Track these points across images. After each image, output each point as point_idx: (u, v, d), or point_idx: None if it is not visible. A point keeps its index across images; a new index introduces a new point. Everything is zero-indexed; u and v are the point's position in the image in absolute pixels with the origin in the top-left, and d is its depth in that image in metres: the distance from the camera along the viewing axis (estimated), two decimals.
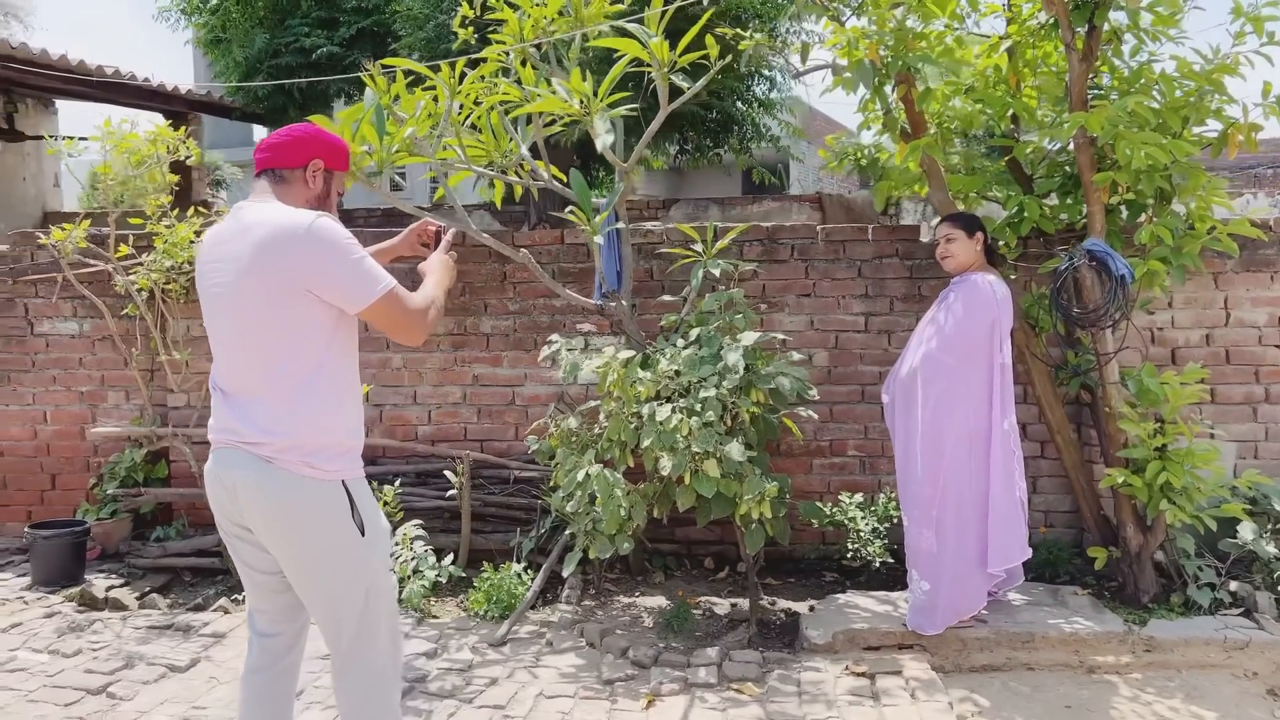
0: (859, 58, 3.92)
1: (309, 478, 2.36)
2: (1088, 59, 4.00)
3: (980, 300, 3.82)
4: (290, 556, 2.41)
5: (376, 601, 2.48)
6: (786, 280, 5.21)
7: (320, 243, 2.31)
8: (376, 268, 2.40)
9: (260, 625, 2.59)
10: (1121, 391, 4.25)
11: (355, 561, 2.43)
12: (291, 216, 2.34)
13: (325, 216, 2.36)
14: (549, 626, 4.30)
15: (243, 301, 2.36)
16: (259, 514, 2.38)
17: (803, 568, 5.10)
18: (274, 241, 2.31)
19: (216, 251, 2.44)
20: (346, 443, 2.45)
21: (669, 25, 4.03)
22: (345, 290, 2.36)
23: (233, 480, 2.39)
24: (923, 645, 3.94)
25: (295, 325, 2.35)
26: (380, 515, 2.53)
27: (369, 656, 2.49)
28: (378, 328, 2.47)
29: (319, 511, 2.38)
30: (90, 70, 7.23)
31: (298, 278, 2.31)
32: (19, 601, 4.67)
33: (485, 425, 5.37)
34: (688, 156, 9.03)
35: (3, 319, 5.60)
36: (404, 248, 3.09)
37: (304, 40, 8.67)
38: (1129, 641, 3.92)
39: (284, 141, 2.49)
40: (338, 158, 2.57)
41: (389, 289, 2.38)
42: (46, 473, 5.64)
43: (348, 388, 2.49)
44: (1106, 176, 3.95)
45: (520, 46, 4.30)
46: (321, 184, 2.54)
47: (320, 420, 2.38)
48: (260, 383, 2.38)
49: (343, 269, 2.34)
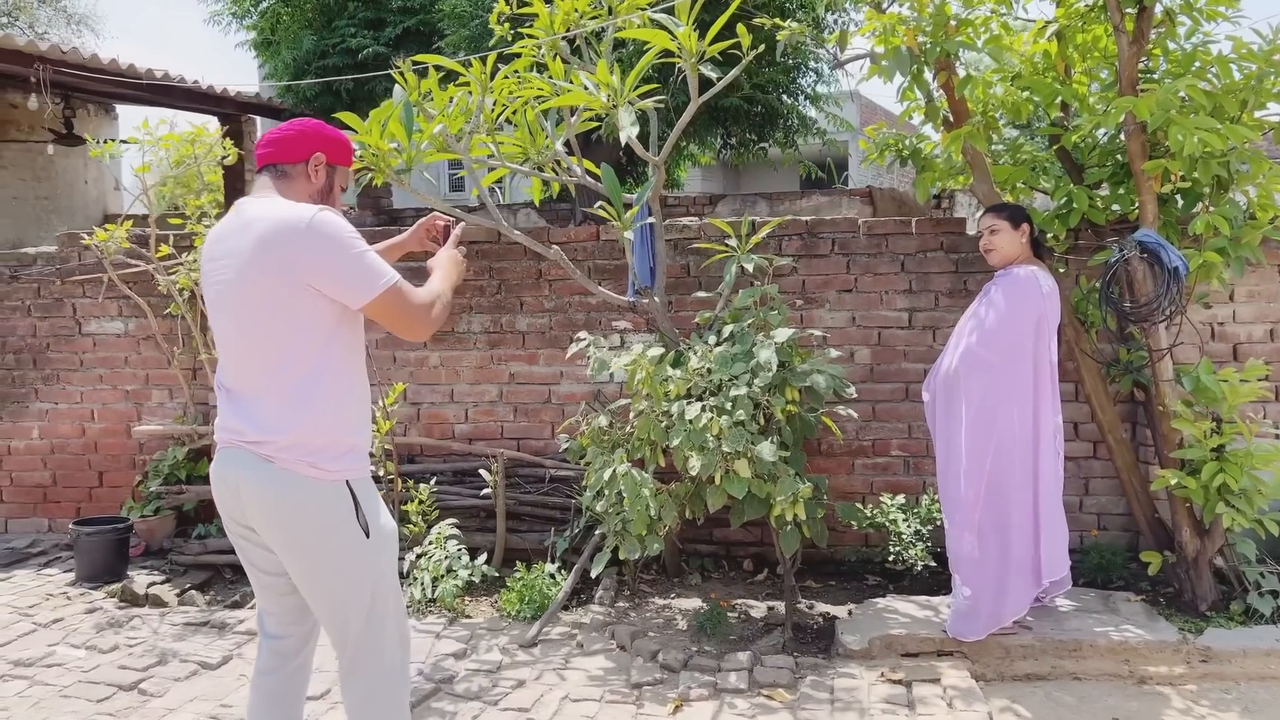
0: (895, 44, 3.79)
1: (311, 478, 2.32)
2: (1138, 42, 3.82)
3: (1023, 293, 3.67)
4: (293, 558, 2.38)
5: (382, 603, 2.44)
6: (827, 275, 5.08)
7: (321, 237, 2.27)
8: (379, 262, 2.35)
9: (269, 627, 2.57)
10: (1177, 389, 4.06)
11: (359, 563, 2.38)
12: (292, 211, 2.30)
13: (327, 210, 2.32)
14: (580, 628, 4.24)
15: (244, 298, 2.33)
16: (261, 514, 2.35)
17: (844, 570, 4.98)
18: (275, 236, 2.27)
19: (218, 249, 2.41)
20: (349, 441, 2.40)
21: (707, 16, 3.93)
22: (347, 285, 2.31)
23: (236, 480, 2.37)
24: (963, 652, 3.80)
25: (296, 321, 2.31)
26: (386, 515, 2.48)
27: (376, 659, 2.44)
28: (381, 324, 2.42)
29: (321, 512, 2.34)
30: (140, 74, 7.35)
31: (299, 273, 2.27)
32: (62, 597, 4.74)
33: (521, 423, 5.33)
34: (733, 151, 8.91)
35: (53, 319, 5.71)
36: (413, 243, 3.04)
37: (350, 41, 8.74)
38: (1183, 651, 3.74)
39: (285, 136, 2.46)
40: (340, 152, 2.53)
41: (392, 283, 2.33)
42: (94, 470, 5.73)
43: (352, 385, 2.44)
44: (1158, 164, 3.77)
45: (551, 39, 4.24)
46: (324, 178, 2.50)
47: (323, 418, 2.34)
48: (262, 380, 2.35)
49: (345, 263, 2.30)
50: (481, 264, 5.30)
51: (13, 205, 10.33)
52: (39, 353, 5.73)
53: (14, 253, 5.77)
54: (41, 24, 24.50)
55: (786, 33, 4.39)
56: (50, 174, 10.54)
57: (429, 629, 4.26)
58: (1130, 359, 4.37)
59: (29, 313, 5.73)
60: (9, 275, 5.72)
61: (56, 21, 24.96)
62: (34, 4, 24.25)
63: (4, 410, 5.76)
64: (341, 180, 2.56)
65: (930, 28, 3.84)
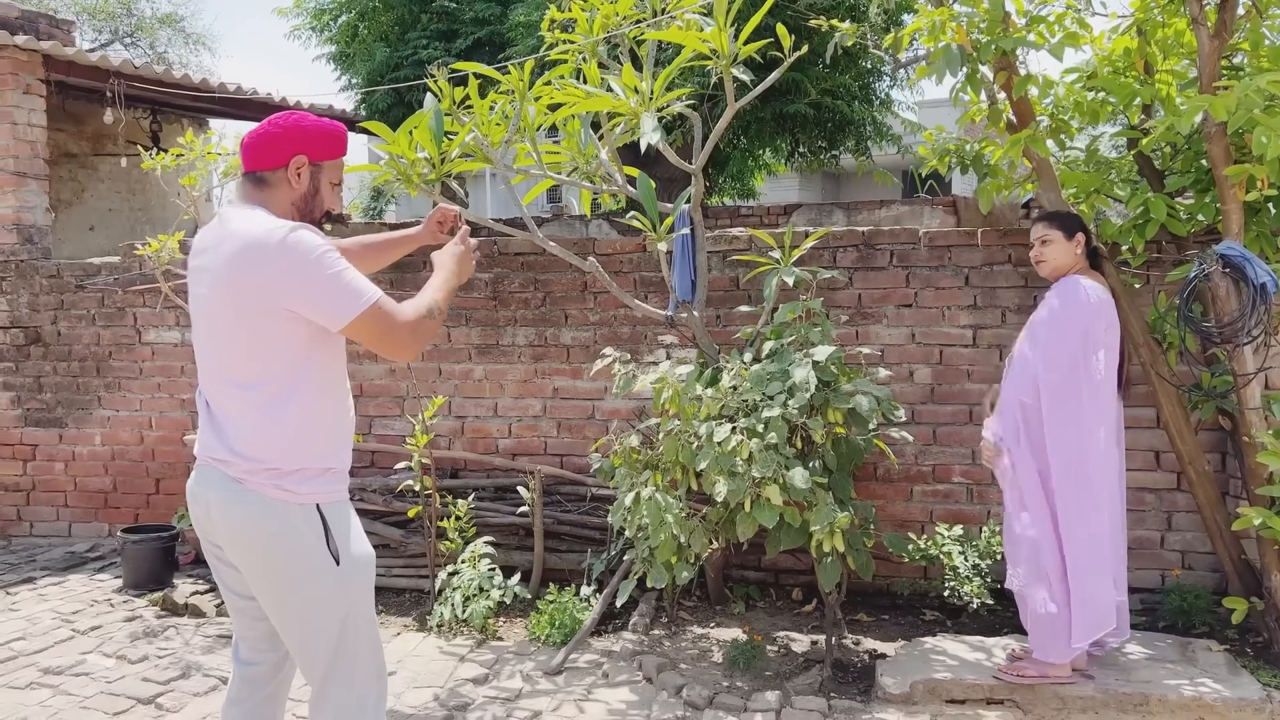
0: (945, 42, 3.52)
1: (279, 500, 2.20)
2: (1220, 36, 3.47)
3: (1071, 304, 3.36)
4: (260, 583, 2.27)
5: (353, 634, 2.30)
6: (885, 289, 4.80)
7: (294, 257, 2.11)
8: (357, 280, 2.17)
9: (241, 653, 2.46)
10: (1267, 419, 3.67)
11: (328, 591, 2.25)
12: (264, 228, 2.15)
13: (301, 229, 2.15)
14: (610, 656, 4.06)
15: (215, 315, 2.23)
16: (228, 536, 2.25)
17: (900, 604, 4.67)
18: (244, 255, 2.14)
19: (199, 260, 2.31)
20: (322, 464, 2.27)
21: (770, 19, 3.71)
22: (324, 307, 2.16)
23: (206, 499, 2.27)
24: (1014, 701, 3.49)
25: (267, 343, 2.19)
26: (361, 542, 2.34)
27: (345, 692, 2.31)
28: (364, 344, 2.26)
29: (288, 537, 2.22)
30: (213, 88, 7.51)
31: (271, 294, 2.14)
32: (106, 604, 4.78)
33: (565, 439, 5.19)
34: (804, 160, 8.63)
35: (115, 327, 5.82)
36: (426, 236, 2.86)
37: (422, 53, 8.79)
38: (1266, 711, 3.34)
39: (259, 140, 2.27)
40: (325, 147, 2.31)
41: (371, 303, 2.16)
42: (152, 477, 5.81)
43: (328, 408, 2.31)
44: (1242, 169, 3.41)
45: (589, 43, 4.09)
46: (308, 181, 2.31)
47: (291, 442, 2.22)
48: (232, 400, 2.24)
49: (319, 284, 2.13)
50: (526, 276, 5.18)
51: (108, 217, 10.71)
52: (102, 360, 5.84)
53: (79, 262, 5.90)
54: (161, 44, 25.65)
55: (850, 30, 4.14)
56: (145, 186, 10.90)
57: (455, 651, 4.13)
58: (1213, 384, 3.98)
59: (93, 321, 5.85)
60: (75, 285, 5.85)
61: (176, 41, 26.08)
62: (155, 25, 25.40)
63: (70, 416, 5.89)
64: (331, 177, 2.36)
65: (985, 24, 3.55)
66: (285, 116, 2.32)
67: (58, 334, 5.90)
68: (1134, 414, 4.35)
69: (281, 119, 2.31)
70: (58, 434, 5.92)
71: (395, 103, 8.89)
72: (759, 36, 3.63)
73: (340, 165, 2.40)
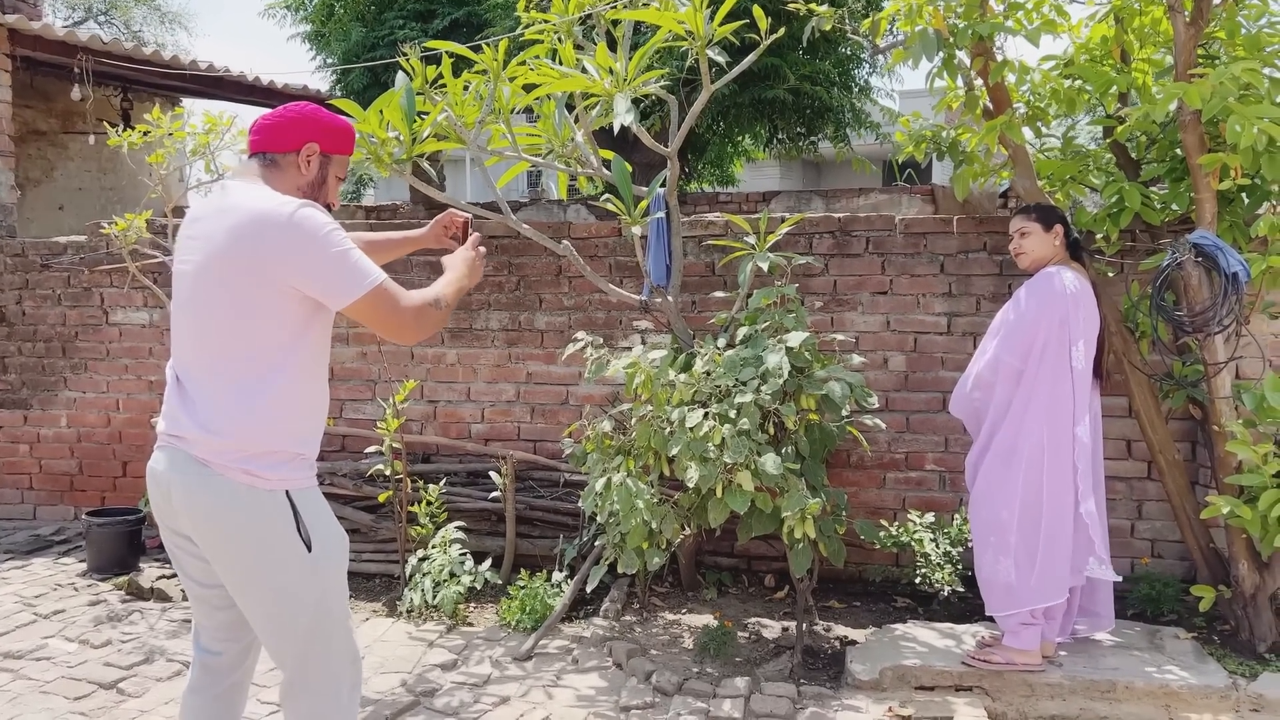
0: (922, 26, 3.49)
1: (244, 485, 2.15)
2: (1196, 23, 3.46)
3: (1049, 295, 3.36)
4: (227, 570, 2.21)
5: (326, 621, 2.25)
6: (860, 276, 4.78)
7: (302, 233, 2.10)
8: (363, 261, 2.17)
9: (203, 641, 2.41)
10: (1237, 408, 3.68)
11: (299, 579, 2.20)
12: (273, 202, 2.13)
13: (309, 206, 2.16)
14: (580, 642, 4.03)
15: (207, 286, 2.18)
16: (193, 522, 2.19)
17: (872, 591, 4.67)
18: (251, 227, 2.11)
19: (194, 228, 2.26)
20: (292, 450, 2.22)
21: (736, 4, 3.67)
22: (329, 285, 2.15)
23: (168, 482, 2.21)
24: (983, 688, 3.49)
25: (258, 317, 2.15)
26: (332, 526, 2.29)
27: (318, 683, 2.26)
28: (366, 325, 2.26)
29: (256, 524, 2.16)
30: (184, 65, 7.38)
31: (273, 268, 2.12)
32: (70, 588, 4.71)
33: (539, 425, 5.15)
34: (782, 146, 8.59)
35: (81, 308, 5.72)
36: (430, 239, 2.89)
37: (398, 33, 8.67)
38: (1232, 698, 3.37)
39: (278, 122, 2.29)
40: (337, 140, 2.35)
41: (376, 283, 2.15)
42: (119, 459, 5.73)
43: (308, 392, 2.27)
44: (1215, 158, 3.40)
45: (564, 22, 4.04)
46: (316, 170, 2.33)
47: (268, 423, 2.16)
48: (210, 374, 2.18)
49: (326, 262, 2.13)
50: (500, 259, 5.13)
51: (78, 196, 10.54)
52: (68, 341, 5.74)
53: (45, 241, 5.80)
54: (136, 22, 25.28)
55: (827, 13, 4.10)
56: (116, 166, 10.73)
57: (424, 636, 4.10)
58: (1184, 373, 3.99)
59: (59, 301, 5.75)
60: (40, 264, 5.74)
61: (151, 20, 25.71)
62: (130, 3, 25.01)
63: (35, 397, 5.79)
64: (338, 170, 2.40)
65: (963, 9, 3.52)
66: (301, 106, 2.36)
67: (23, 314, 5.80)
68: (1106, 403, 4.33)
69: (298, 107, 2.35)
70: (22, 415, 5.83)
71: (371, 83, 8.79)
72: (736, 19, 3.59)
73: (346, 162, 2.43)
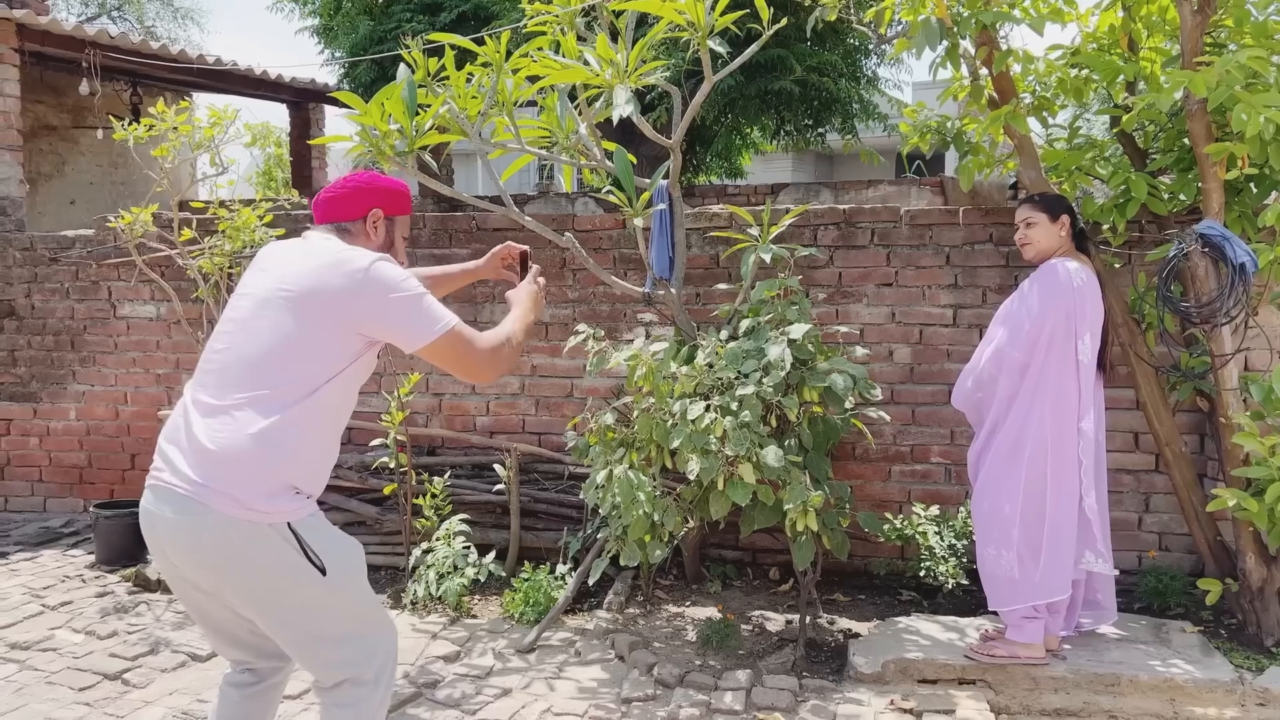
0: (925, 15, 3.46)
1: (240, 520, 2.10)
2: (1203, 11, 3.42)
3: (1055, 287, 3.33)
4: (247, 605, 2.19)
5: (361, 629, 2.27)
6: (865, 268, 4.76)
7: (377, 283, 2.21)
8: (436, 306, 2.27)
9: (230, 664, 2.42)
10: (1245, 400, 3.65)
11: (323, 603, 2.20)
12: (354, 252, 2.26)
13: (386, 259, 2.28)
14: (583, 634, 4.03)
15: (272, 309, 2.21)
16: (195, 563, 2.14)
17: (876, 584, 4.66)
18: (328, 274, 2.21)
19: (269, 261, 2.34)
20: (298, 487, 2.21)
21: None
22: (403, 329, 2.24)
23: (160, 520, 2.16)
24: (986, 681, 3.48)
25: (308, 353, 2.19)
26: (343, 542, 2.28)
27: (357, 691, 2.27)
28: (442, 367, 2.35)
29: (262, 557, 2.13)
30: (192, 59, 7.40)
31: (346, 316, 2.20)
32: (78, 579, 4.74)
33: (543, 418, 5.15)
34: (790, 138, 8.55)
35: (89, 301, 5.75)
36: (488, 270, 2.98)
37: (405, 26, 8.67)
38: (1238, 693, 3.34)
39: (339, 194, 2.41)
40: (397, 202, 2.47)
41: (448, 328, 2.25)
42: (127, 452, 5.75)
43: (325, 433, 2.28)
44: (1221, 148, 3.37)
45: (566, 14, 4.02)
46: (384, 233, 2.45)
47: (279, 456, 2.13)
48: (233, 395, 2.16)
49: (400, 307, 2.23)
50: None
51: (89, 190, 10.60)
52: (76, 335, 5.77)
53: (53, 235, 5.83)
54: (149, 18, 25.34)
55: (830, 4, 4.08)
56: (126, 160, 10.76)
57: (428, 628, 4.11)
58: (1191, 365, 3.96)
59: (67, 295, 5.78)
60: (49, 258, 5.77)
61: (164, 15, 25.76)
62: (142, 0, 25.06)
63: (44, 391, 5.83)
64: (403, 231, 2.53)
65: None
66: (358, 175, 2.48)
67: (32, 307, 5.83)
68: (1112, 395, 4.32)
69: (356, 178, 2.47)
70: (32, 408, 5.86)
71: (378, 77, 8.78)
72: (739, 9, 3.57)
73: (408, 222, 2.56)
